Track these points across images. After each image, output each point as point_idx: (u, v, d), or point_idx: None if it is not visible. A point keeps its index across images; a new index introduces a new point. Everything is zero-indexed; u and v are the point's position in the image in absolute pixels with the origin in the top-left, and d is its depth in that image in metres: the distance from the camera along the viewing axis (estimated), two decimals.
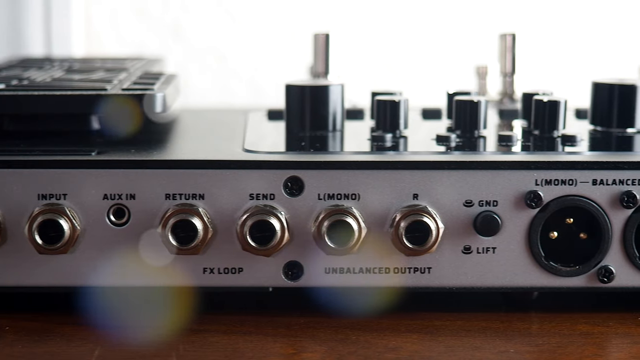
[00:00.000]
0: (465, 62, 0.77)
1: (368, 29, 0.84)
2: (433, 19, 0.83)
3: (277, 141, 0.48)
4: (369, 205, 0.43)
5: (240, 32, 0.84)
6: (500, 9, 0.83)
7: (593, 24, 0.83)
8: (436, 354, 0.39)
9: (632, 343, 0.41)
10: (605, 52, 0.82)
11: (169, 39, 0.84)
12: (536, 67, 0.79)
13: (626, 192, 0.43)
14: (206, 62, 0.84)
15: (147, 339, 0.40)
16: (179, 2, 0.83)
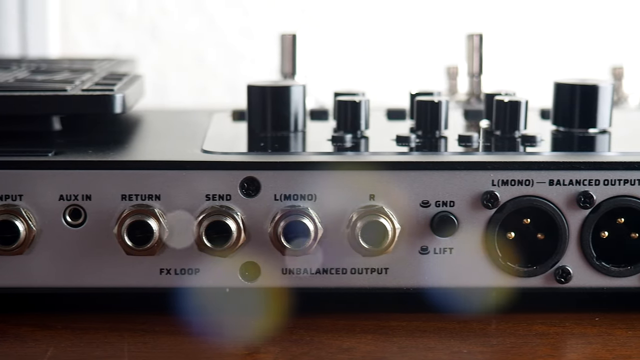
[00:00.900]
0: (439, 63, 0.77)
1: (340, 29, 0.84)
2: (405, 19, 0.83)
3: (237, 142, 0.48)
4: (326, 206, 0.43)
5: (217, 33, 0.84)
6: (471, 9, 0.83)
7: (565, 25, 0.83)
8: (389, 354, 0.39)
9: (587, 344, 0.41)
10: (577, 53, 0.82)
11: (146, 39, 0.84)
12: (507, 68, 0.79)
13: (583, 192, 0.43)
14: (183, 62, 0.84)
15: (101, 340, 0.40)
16: (155, 3, 0.83)
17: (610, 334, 0.42)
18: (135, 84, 0.50)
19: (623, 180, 0.43)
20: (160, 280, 0.43)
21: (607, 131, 0.49)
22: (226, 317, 0.42)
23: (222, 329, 0.41)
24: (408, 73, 0.83)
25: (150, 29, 0.83)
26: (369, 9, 0.84)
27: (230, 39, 0.84)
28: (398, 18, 0.84)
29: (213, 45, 0.84)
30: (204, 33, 0.84)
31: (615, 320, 0.43)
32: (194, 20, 0.84)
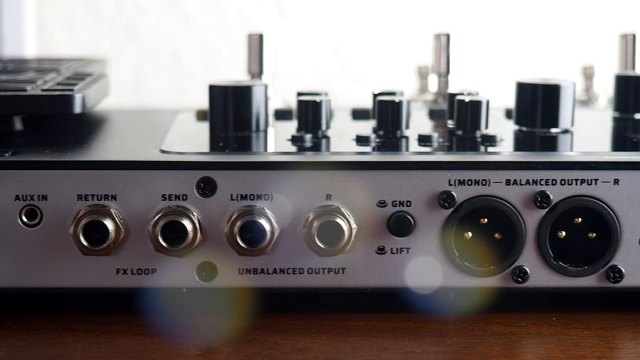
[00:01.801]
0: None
1: (316, 28, 0.84)
2: (379, 18, 0.83)
3: (196, 142, 0.48)
4: (282, 206, 0.42)
5: (194, 32, 0.84)
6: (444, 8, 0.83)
7: (537, 24, 0.83)
8: (342, 354, 0.39)
9: (541, 343, 0.41)
10: (549, 53, 0.82)
11: (123, 39, 0.84)
12: (479, 68, 0.79)
13: (540, 192, 0.43)
14: (160, 62, 0.84)
15: (55, 340, 0.40)
16: (132, 3, 0.83)
17: (566, 333, 0.41)
18: (98, 84, 0.50)
19: (580, 180, 0.43)
20: (117, 280, 0.43)
21: (569, 131, 0.49)
22: (182, 318, 0.42)
23: (176, 329, 0.41)
24: (384, 72, 0.83)
25: (126, 28, 0.83)
26: (345, 9, 0.84)
27: (207, 38, 0.84)
28: (373, 16, 0.84)
29: (189, 44, 0.84)
30: (180, 32, 0.84)
31: (572, 320, 0.43)
32: (170, 19, 0.83)
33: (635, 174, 0.43)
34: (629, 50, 0.60)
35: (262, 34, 0.58)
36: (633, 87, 0.53)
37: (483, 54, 0.82)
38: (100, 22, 0.83)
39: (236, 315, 0.43)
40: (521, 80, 0.50)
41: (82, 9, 0.83)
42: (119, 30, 0.83)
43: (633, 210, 0.43)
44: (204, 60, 0.84)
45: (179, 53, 0.84)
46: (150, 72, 0.84)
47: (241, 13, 0.84)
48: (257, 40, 0.58)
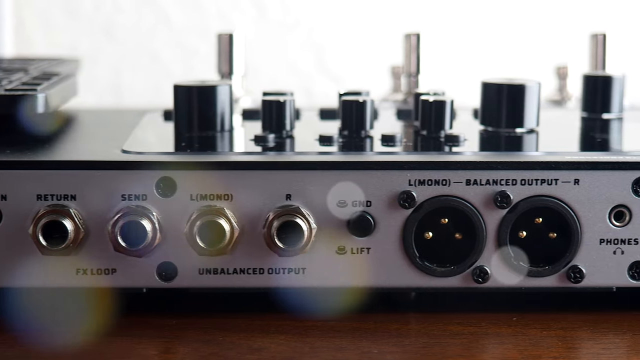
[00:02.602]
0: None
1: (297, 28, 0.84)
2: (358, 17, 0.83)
3: (159, 142, 0.48)
4: (242, 206, 0.42)
5: (173, 32, 0.84)
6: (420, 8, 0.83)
7: (511, 24, 0.83)
8: (299, 354, 0.39)
9: (499, 344, 0.41)
10: (523, 53, 0.82)
11: (102, 39, 0.84)
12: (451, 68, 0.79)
13: (500, 192, 0.42)
14: (139, 62, 0.84)
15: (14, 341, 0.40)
16: (110, 3, 0.83)
17: (525, 334, 0.41)
18: (63, 84, 0.50)
19: (540, 180, 0.43)
20: (77, 280, 0.43)
21: (534, 131, 0.49)
22: (138, 317, 0.42)
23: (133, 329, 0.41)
24: (363, 72, 0.83)
25: (105, 27, 0.83)
26: (324, 8, 0.84)
27: (185, 38, 0.84)
28: (353, 15, 0.84)
29: (168, 43, 0.84)
30: (159, 31, 0.84)
31: (532, 320, 0.43)
32: (149, 19, 0.83)
33: (595, 174, 0.43)
34: (599, 51, 0.60)
35: (231, 34, 0.58)
36: (600, 87, 0.53)
37: (457, 55, 0.82)
38: (79, 22, 0.83)
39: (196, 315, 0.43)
40: (486, 80, 0.50)
41: (60, 9, 0.83)
42: (97, 30, 0.83)
43: (593, 210, 0.43)
44: (183, 60, 0.84)
45: (158, 53, 0.84)
46: (129, 71, 0.84)
47: (220, 13, 0.84)
48: (227, 40, 0.58)
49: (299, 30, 0.84)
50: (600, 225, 0.43)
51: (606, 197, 0.43)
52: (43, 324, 0.42)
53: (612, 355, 0.39)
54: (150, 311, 0.44)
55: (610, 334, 0.42)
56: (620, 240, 0.43)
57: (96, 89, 0.83)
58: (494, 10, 0.83)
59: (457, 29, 0.82)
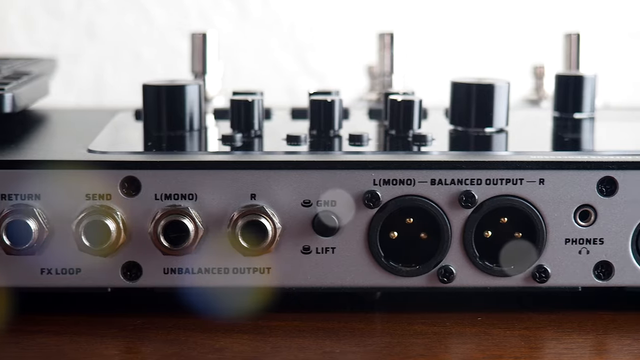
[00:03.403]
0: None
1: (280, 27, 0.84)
2: (341, 16, 0.83)
3: (126, 141, 0.48)
4: (207, 206, 0.42)
5: (155, 31, 0.84)
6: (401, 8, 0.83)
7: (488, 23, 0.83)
8: (260, 354, 0.39)
9: (462, 343, 0.41)
10: (500, 52, 0.82)
11: (84, 38, 0.83)
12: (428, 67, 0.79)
13: (465, 191, 0.42)
14: (121, 61, 0.84)
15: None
16: (92, 2, 0.83)
17: (488, 333, 0.41)
18: (33, 84, 0.50)
19: (505, 180, 0.43)
20: (41, 280, 0.43)
21: (504, 130, 0.49)
22: (103, 317, 0.42)
23: (97, 329, 0.41)
24: (347, 71, 0.83)
25: (87, 27, 0.83)
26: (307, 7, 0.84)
27: (168, 37, 0.84)
28: (336, 14, 0.84)
29: (150, 43, 0.84)
30: (141, 31, 0.84)
31: (497, 320, 0.43)
32: (130, 18, 0.83)
33: (560, 173, 0.43)
34: (573, 50, 0.60)
35: (205, 34, 0.58)
36: (572, 86, 0.53)
37: (436, 54, 0.82)
38: (61, 22, 0.83)
39: (161, 314, 0.43)
40: (455, 79, 0.50)
41: (42, 8, 0.83)
42: (79, 29, 0.83)
43: (559, 210, 0.43)
44: (165, 59, 0.84)
45: (140, 52, 0.84)
46: (111, 71, 0.84)
47: (201, 12, 0.83)
48: (201, 39, 0.58)
49: (281, 29, 0.84)
50: (565, 225, 0.43)
51: (571, 197, 0.43)
52: (7, 322, 0.42)
53: (574, 355, 0.39)
54: (115, 311, 0.43)
55: (574, 333, 0.41)
56: (586, 240, 0.43)
57: (78, 88, 0.83)
58: (472, 10, 0.83)
59: (436, 29, 0.82)
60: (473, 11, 0.83)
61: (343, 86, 0.77)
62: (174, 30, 0.83)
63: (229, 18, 0.84)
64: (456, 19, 0.82)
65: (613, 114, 0.57)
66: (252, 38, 0.84)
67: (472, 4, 0.82)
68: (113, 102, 0.82)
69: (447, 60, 0.82)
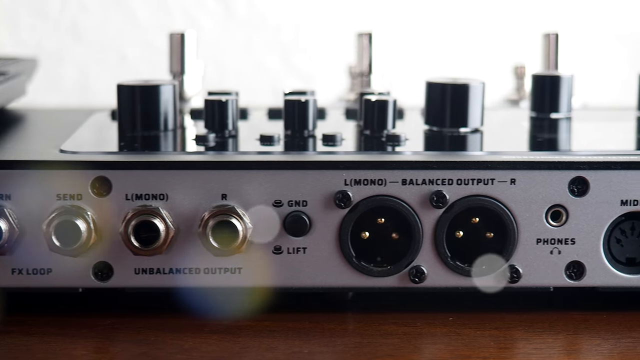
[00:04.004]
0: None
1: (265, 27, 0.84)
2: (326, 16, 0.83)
3: (99, 141, 0.48)
4: (178, 206, 0.42)
5: (140, 32, 0.84)
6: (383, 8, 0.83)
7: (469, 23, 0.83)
8: (228, 354, 0.39)
9: (431, 344, 0.41)
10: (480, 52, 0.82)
11: (68, 39, 0.83)
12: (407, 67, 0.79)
13: (436, 192, 0.42)
14: (106, 61, 0.84)
15: None
16: (77, 2, 0.83)
17: (458, 333, 0.41)
18: (8, 83, 0.50)
19: (477, 180, 0.43)
20: (12, 280, 0.43)
21: (479, 130, 0.49)
22: (73, 317, 0.42)
23: (67, 329, 0.41)
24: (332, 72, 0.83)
25: (71, 27, 0.83)
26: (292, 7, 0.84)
27: (152, 37, 0.84)
28: (321, 14, 0.84)
29: (135, 43, 0.84)
30: (126, 31, 0.84)
31: (468, 320, 0.43)
32: (115, 19, 0.83)
33: (532, 173, 0.43)
34: (551, 50, 0.60)
35: (183, 34, 0.58)
36: (549, 86, 0.53)
37: (417, 54, 0.82)
38: (45, 22, 0.83)
39: (132, 314, 0.43)
40: (430, 79, 0.50)
41: (27, 8, 0.83)
42: (63, 29, 0.83)
43: (530, 210, 0.43)
44: (150, 59, 0.84)
45: (125, 52, 0.84)
46: (95, 71, 0.84)
47: (186, 12, 0.83)
48: (179, 39, 0.58)
49: (266, 29, 0.84)
50: (537, 225, 0.43)
51: (543, 197, 0.43)
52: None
53: (543, 356, 0.39)
54: (86, 311, 0.43)
55: (545, 333, 0.41)
56: (557, 240, 0.43)
57: (62, 88, 0.83)
58: (455, 9, 0.83)
59: (418, 29, 0.82)
60: (455, 11, 0.83)
61: (328, 86, 0.78)
62: (159, 31, 0.83)
63: (215, 18, 0.84)
64: (439, 19, 0.82)
65: (590, 114, 0.57)
66: (237, 38, 0.84)
67: (455, 4, 0.82)
68: (97, 103, 0.82)
69: (429, 60, 0.82)
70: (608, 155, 0.43)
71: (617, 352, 0.40)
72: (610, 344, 0.40)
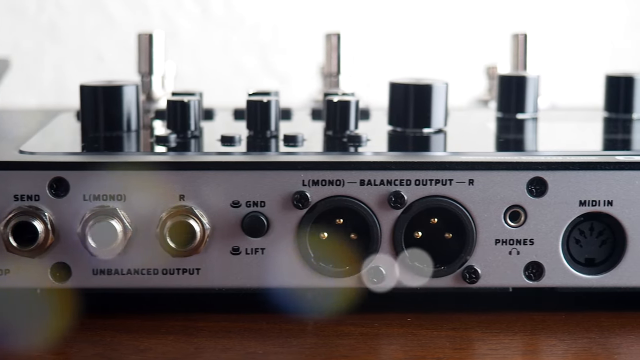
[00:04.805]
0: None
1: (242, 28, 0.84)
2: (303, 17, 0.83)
3: (60, 142, 0.48)
4: (136, 207, 0.42)
5: (117, 32, 0.84)
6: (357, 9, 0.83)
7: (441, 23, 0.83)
8: (183, 355, 0.39)
9: (386, 344, 0.41)
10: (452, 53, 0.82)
11: (45, 39, 0.83)
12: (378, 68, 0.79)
13: (394, 192, 0.42)
14: (83, 62, 0.84)
15: None
16: (54, 3, 0.83)
17: (415, 334, 0.41)
18: None
19: (435, 181, 0.43)
20: None
21: (442, 131, 0.49)
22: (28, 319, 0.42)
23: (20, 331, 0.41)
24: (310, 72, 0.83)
25: (48, 28, 0.83)
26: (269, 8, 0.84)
27: (130, 38, 0.83)
28: (297, 15, 0.84)
29: (112, 43, 0.84)
30: (103, 32, 0.84)
31: (426, 320, 0.43)
32: (92, 19, 0.83)
33: (490, 174, 0.43)
34: (520, 50, 0.60)
35: (151, 34, 0.58)
36: (515, 87, 0.53)
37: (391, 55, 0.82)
38: (22, 22, 0.83)
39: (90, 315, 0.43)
40: (393, 80, 0.50)
41: (3, 8, 0.83)
42: (41, 30, 0.83)
43: (488, 211, 0.43)
44: (128, 60, 0.84)
45: (102, 53, 0.84)
46: (72, 72, 0.84)
47: (164, 13, 0.83)
48: (147, 40, 0.58)
49: (244, 30, 0.84)
50: (495, 226, 0.43)
51: (501, 198, 0.43)
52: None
53: (498, 356, 0.39)
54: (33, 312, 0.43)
55: (502, 334, 0.41)
56: (516, 240, 0.43)
57: (40, 89, 0.83)
58: (429, 10, 0.83)
59: (392, 29, 0.82)
60: (431, 11, 0.83)
61: (305, 86, 0.78)
62: (136, 31, 0.83)
63: (192, 18, 0.84)
64: (414, 20, 0.82)
65: (557, 114, 0.57)
66: (215, 38, 0.84)
67: (431, 4, 0.82)
68: (74, 103, 0.82)
69: (404, 61, 0.82)
70: (566, 156, 0.43)
71: (571, 353, 0.40)
72: (566, 345, 0.40)
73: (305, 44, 0.83)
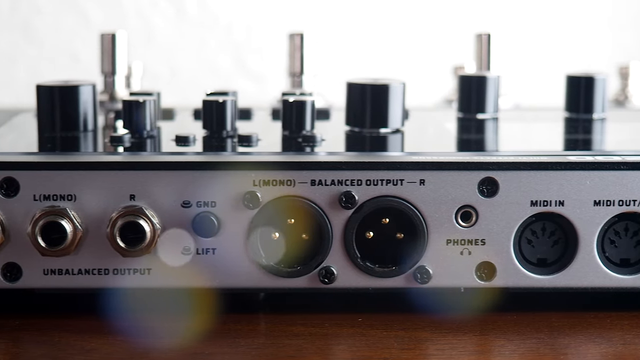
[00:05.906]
0: None
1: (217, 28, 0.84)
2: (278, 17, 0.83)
3: (13, 142, 0.48)
4: (86, 206, 0.42)
5: (93, 33, 0.84)
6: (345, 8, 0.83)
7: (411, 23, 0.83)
8: (127, 356, 0.39)
9: (335, 344, 0.41)
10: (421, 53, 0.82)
11: (20, 40, 0.83)
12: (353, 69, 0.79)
13: (345, 192, 0.42)
14: (59, 63, 0.84)
15: None
16: (28, 3, 0.83)
17: (364, 334, 0.41)
18: None
19: (385, 181, 0.42)
20: None
21: (399, 131, 0.49)
22: None
23: None
24: None
25: (23, 28, 0.83)
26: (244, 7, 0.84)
27: None
28: (273, 15, 0.84)
29: (88, 44, 0.84)
30: (79, 32, 0.84)
31: (376, 321, 0.43)
32: (68, 20, 0.83)
33: (441, 174, 0.43)
34: (484, 50, 0.60)
35: (114, 34, 0.58)
36: (475, 87, 0.53)
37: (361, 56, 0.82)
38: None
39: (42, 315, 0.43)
40: (350, 80, 0.50)
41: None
42: (15, 31, 0.83)
43: (439, 211, 0.43)
44: None
45: (78, 53, 0.84)
46: (48, 73, 0.84)
47: (139, 13, 0.83)
48: (110, 39, 0.58)
49: (218, 29, 0.84)
50: (446, 226, 0.43)
51: (452, 198, 0.43)
52: None
53: (444, 357, 0.39)
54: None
55: (451, 335, 0.41)
56: (467, 240, 0.43)
57: (14, 89, 0.83)
58: (398, 10, 0.83)
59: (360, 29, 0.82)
60: (402, 11, 0.83)
61: (279, 86, 0.78)
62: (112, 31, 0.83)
63: (167, 18, 0.84)
64: (384, 20, 0.82)
65: (518, 114, 0.57)
66: (189, 38, 0.84)
67: (399, 5, 0.82)
68: None
69: (374, 61, 0.82)
70: (518, 156, 0.43)
71: (518, 354, 0.40)
72: (514, 345, 0.40)
73: (279, 43, 0.83)
